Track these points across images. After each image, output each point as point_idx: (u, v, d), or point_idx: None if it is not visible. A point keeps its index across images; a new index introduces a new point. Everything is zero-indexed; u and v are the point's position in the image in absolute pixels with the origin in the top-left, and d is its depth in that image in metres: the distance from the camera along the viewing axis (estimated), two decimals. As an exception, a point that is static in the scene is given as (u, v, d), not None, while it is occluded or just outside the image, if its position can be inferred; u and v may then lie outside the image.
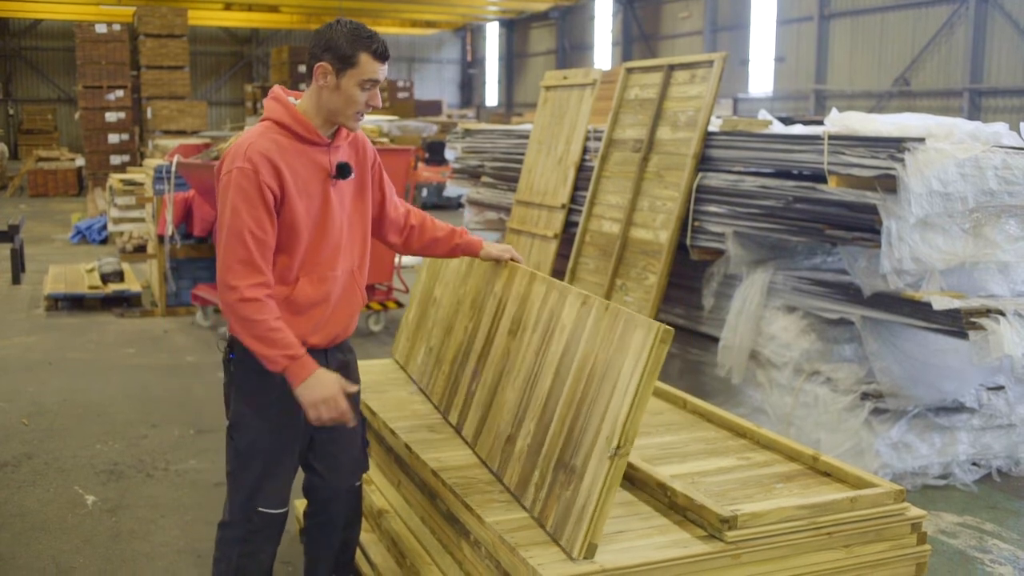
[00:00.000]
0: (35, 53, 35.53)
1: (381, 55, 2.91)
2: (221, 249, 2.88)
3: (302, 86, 3.21)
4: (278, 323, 2.87)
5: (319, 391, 2.87)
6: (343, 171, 3.05)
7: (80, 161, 22.97)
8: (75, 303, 9.77)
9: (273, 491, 3.09)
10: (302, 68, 29.46)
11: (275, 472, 3.09)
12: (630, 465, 3.09)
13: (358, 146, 3.17)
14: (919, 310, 4.81)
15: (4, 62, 35.13)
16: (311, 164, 2.97)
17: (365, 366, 4.67)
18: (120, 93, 20.86)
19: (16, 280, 11.15)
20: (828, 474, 3.12)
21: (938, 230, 4.84)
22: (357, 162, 3.14)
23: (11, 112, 34.87)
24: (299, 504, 4.40)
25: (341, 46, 2.87)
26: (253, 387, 3.05)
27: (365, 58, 2.88)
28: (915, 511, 2.90)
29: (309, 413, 2.89)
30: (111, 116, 20.76)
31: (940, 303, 4.66)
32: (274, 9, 31.55)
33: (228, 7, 30.92)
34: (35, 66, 35.56)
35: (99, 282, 9.97)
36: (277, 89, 3.06)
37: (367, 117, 13.88)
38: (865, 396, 5.15)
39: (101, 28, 21.31)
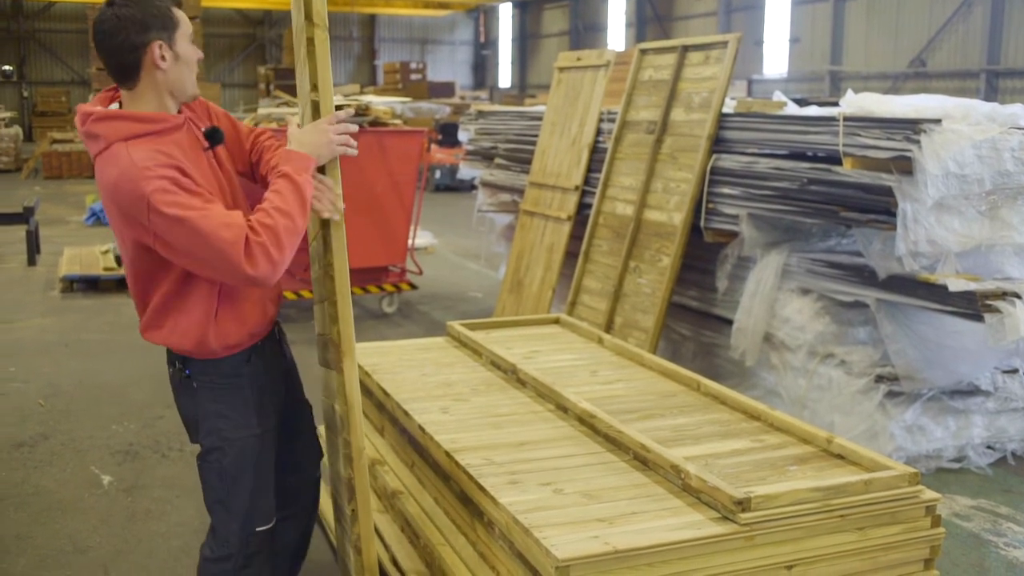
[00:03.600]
0: (49, 35, 35.60)
1: (179, 2, 2.74)
2: (216, 265, 2.53)
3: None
4: (264, 207, 2.58)
5: (319, 140, 2.69)
6: (215, 135, 2.78)
7: (95, 143, 22.96)
8: (90, 285, 9.81)
9: (266, 507, 2.95)
10: (315, 50, 29.45)
11: (266, 485, 2.94)
12: (643, 447, 3.09)
13: (211, 113, 2.91)
14: (934, 292, 4.79)
15: (18, 44, 35.21)
16: (184, 148, 2.66)
17: (377, 348, 4.69)
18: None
19: (32, 262, 11.20)
20: (842, 457, 3.12)
21: (954, 212, 4.81)
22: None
23: (25, 94, 34.97)
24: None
25: (159, 15, 2.58)
26: (225, 397, 2.84)
27: (178, 12, 2.65)
28: (929, 494, 2.89)
29: (336, 151, 2.71)
30: (125, 98, 20.74)
31: (956, 285, 4.64)
32: (286, -10, 31.52)
33: (241, -12, 30.89)
34: (49, 48, 35.63)
35: (114, 264, 10.01)
36: (91, 110, 2.62)
37: (379, 98, 13.78)
38: (879, 379, 5.14)
39: (115, 10, 21.32)
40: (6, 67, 35.00)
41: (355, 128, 2.79)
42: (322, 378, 3.23)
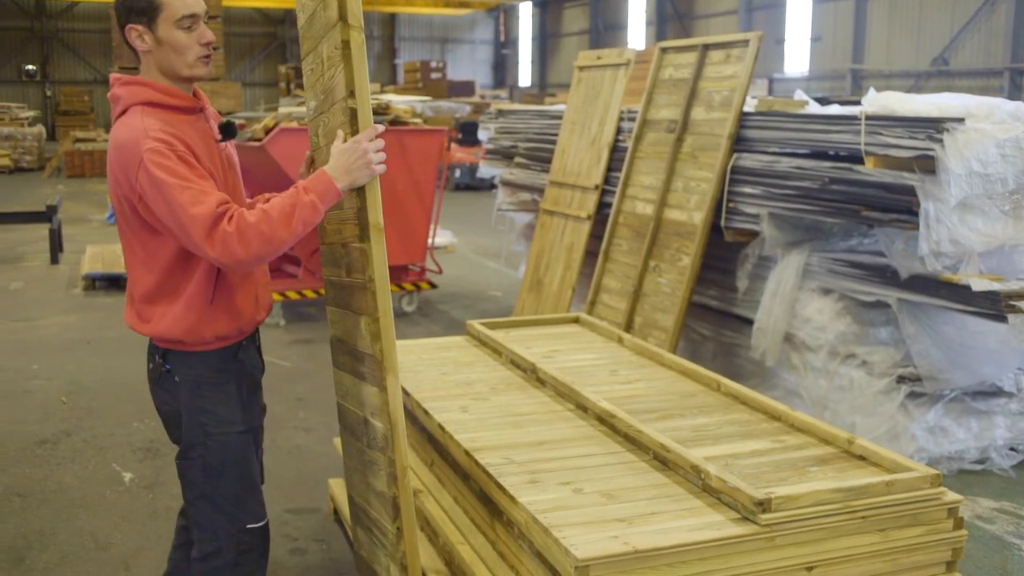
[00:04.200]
0: (72, 35, 35.88)
1: None
2: (187, 232, 2.54)
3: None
4: (263, 205, 2.63)
5: (352, 159, 2.65)
6: (229, 130, 2.85)
7: (116, 141, 23.13)
8: (112, 283, 9.87)
9: (255, 503, 2.93)
10: (335, 49, 29.55)
11: (252, 481, 2.92)
12: (663, 447, 3.08)
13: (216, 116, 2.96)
14: (957, 293, 4.75)
15: (41, 44, 35.50)
16: (197, 132, 2.74)
17: (397, 347, 4.70)
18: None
19: (54, 260, 11.29)
20: (863, 458, 3.10)
21: (977, 212, 4.77)
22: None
23: (48, 94, 35.25)
24: (334, 483, 4.44)
25: (136, 3, 2.65)
26: (209, 392, 2.82)
27: None
28: (951, 496, 2.87)
29: (370, 172, 2.67)
30: (147, 97, 20.87)
31: (979, 285, 4.60)
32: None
33: (262, -12, 31.03)
34: (72, 48, 35.90)
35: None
36: (119, 76, 2.78)
37: (399, 97, 13.77)
38: (901, 379, 5.11)
39: (137, 9, 21.46)
40: (29, 66, 35.29)
41: (382, 143, 2.73)
42: (344, 384, 3.22)
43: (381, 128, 2.70)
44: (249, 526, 2.90)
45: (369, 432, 2.97)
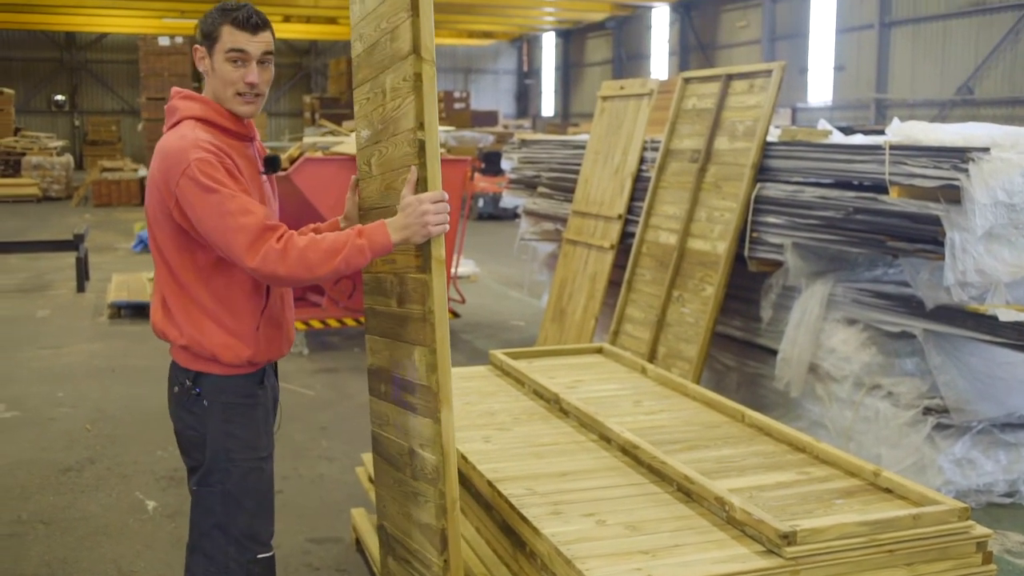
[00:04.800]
0: (100, 66, 36.39)
1: (242, 23, 2.71)
2: (229, 242, 2.58)
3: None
4: (317, 235, 2.67)
5: (411, 217, 2.65)
6: (273, 164, 2.91)
7: (143, 171, 23.42)
8: (137, 311, 9.94)
9: (266, 533, 2.92)
10: (360, 79, 29.77)
11: (266, 510, 2.92)
12: (687, 478, 3.06)
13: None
14: (984, 323, 4.71)
15: (70, 75, 36.01)
16: (245, 159, 2.80)
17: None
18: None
19: (81, 288, 11.38)
20: (890, 490, 3.07)
21: (1004, 242, 4.74)
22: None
23: (77, 124, 35.70)
24: (357, 513, 4.43)
25: (206, 24, 2.74)
26: (237, 417, 2.83)
27: (227, 29, 2.70)
28: (980, 530, 2.84)
29: (426, 232, 2.64)
30: (173, 127, 21.10)
31: (1006, 316, 4.56)
32: (332, 21, 31.90)
33: (287, 19, 31.33)
34: (100, 78, 36.39)
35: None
36: (180, 89, 2.88)
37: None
38: (928, 411, 5.06)
39: (164, 41, 21.78)
40: (58, 97, 35.77)
41: (446, 207, 2.71)
42: (384, 413, 3.18)
43: (446, 195, 2.71)
44: (260, 556, 2.89)
45: (415, 463, 2.93)
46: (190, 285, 2.77)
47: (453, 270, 8.91)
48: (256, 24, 2.73)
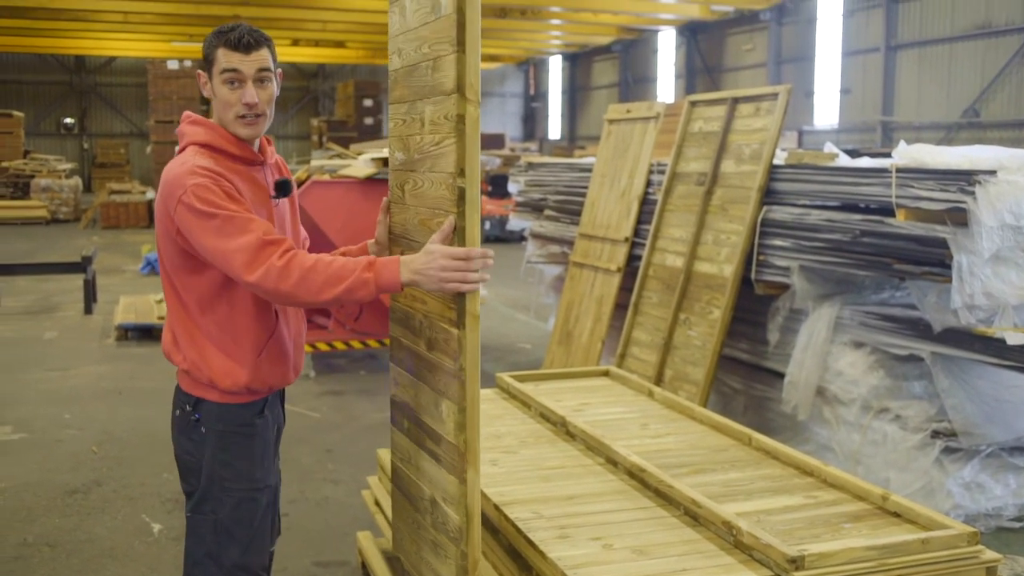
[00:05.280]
0: (109, 89, 36.64)
1: (235, 44, 2.68)
2: (229, 260, 2.55)
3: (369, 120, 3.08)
4: (328, 256, 2.60)
5: (428, 264, 2.50)
6: (284, 188, 2.87)
7: (151, 194, 23.52)
8: (145, 333, 9.95)
9: (258, 565, 2.87)
10: (368, 102, 29.96)
11: (260, 544, 2.86)
12: (694, 502, 3.05)
13: (282, 169, 2.99)
14: (992, 346, 4.70)
15: (80, 98, 36.25)
16: (251, 184, 2.77)
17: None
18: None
19: (88, 310, 11.41)
20: (898, 514, 3.06)
21: (1011, 264, 4.74)
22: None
23: (86, 146, 35.90)
24: (363, 536, 4.42)
25: (204, 48, 2.75)
26: (232, 447, 2.79)
27: (221, 52, 2.69)
28: (990, 554, 2.82)
29: (437, 286, 2.51)
30: (181, 150, 21.21)
31: (1014, 339, 4.55)
32: (340, 44, 32.11)
33: (295, 43, 31.55)
34: (109, 102, 36.63)
35: (168, 313, 10.14)
36: (190, 114, 2.86)
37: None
38: (936, 434, 5.04)
39: (173, 65, 21.93)
40: (67, 120, 35.99)
41: (490, 262, 2.57)
42: (407, 450, 3.12)
43: (479, 252, 2.54)
44: None
45: (437, 514, 2.87)
46: (194, 309, 2.76)
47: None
48: (248, 44, 2.69)
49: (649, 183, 7.13)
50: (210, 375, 2.76)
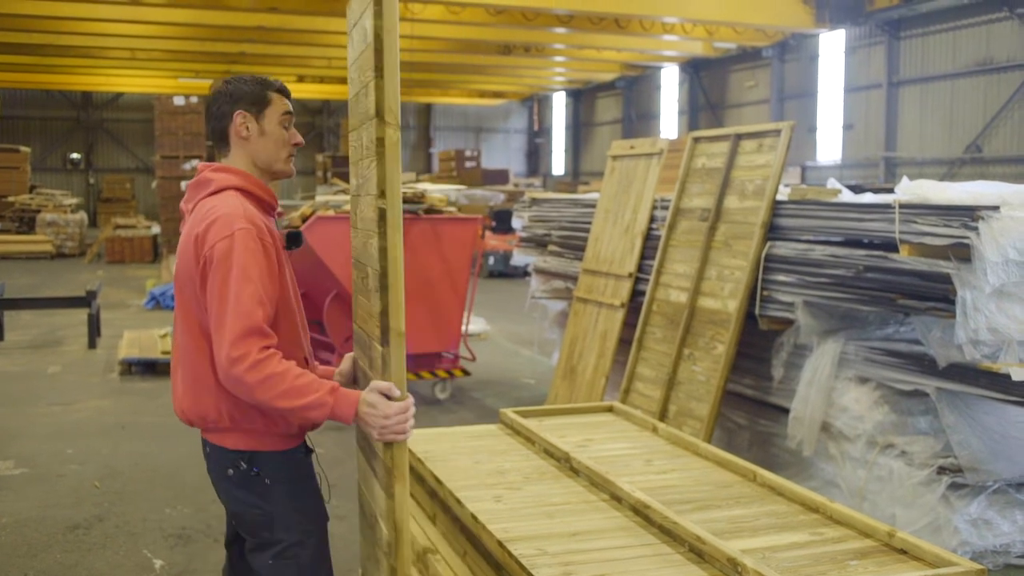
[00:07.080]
0: (116, 124, 36.88)
1: (286, 91, 2.88)
2: (223, 320, 2.57)
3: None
4: (299, 368, 2.61)
5: (380, 409, 2.60)
6: (295, 239, 2.92)
7: (155, 229, 23.60)
8: (148, 368, 9.95)
9: None
10: (372, 138, 30.01)
11: (331, 570, 2.96)
12: (698, 539, 3.03)
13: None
14: (997, 382, 4.69)
15: (86, 133, 36.49)
16: (271, 231, 2.80)
17: (430, 435, 4.69)
18: (196, 163, 21.42)
19: (92, 344, 11.41)
20: (904, 551, 3.04)
21: (1015, 299, 4.73)
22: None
23: (91, 181, 36.08)
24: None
25: (249, 92, 2.81)
26: (299, 490, 2.85)
27: (275, 95, 2.83)
28: (997, 592, 2.80)
29: (375, 436, 2.63)
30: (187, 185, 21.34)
31: (1019, 374, 4.54)
32: (345, 81, 32.30)
33: (301, 79, 31.79)
34: (115, 137, 36.86)
35: (172, 347, 10.14)
36: (210, 163, 2.89)
37: (434, 185, 14.05)
38: (942, 470, 5.01)
39: (179, 100, 22.06)
40: (73, 155, 36.21)
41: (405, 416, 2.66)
42: (362, 468, 3.18)
43: (411, 400, 2.67)
44: None
45: (376, 531, 2.93)
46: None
47: (464, 328, 8.92)
48: (289, 93, 2.89)
49: (653, 219, 7.15)
50: (263, 423, 2.76)
